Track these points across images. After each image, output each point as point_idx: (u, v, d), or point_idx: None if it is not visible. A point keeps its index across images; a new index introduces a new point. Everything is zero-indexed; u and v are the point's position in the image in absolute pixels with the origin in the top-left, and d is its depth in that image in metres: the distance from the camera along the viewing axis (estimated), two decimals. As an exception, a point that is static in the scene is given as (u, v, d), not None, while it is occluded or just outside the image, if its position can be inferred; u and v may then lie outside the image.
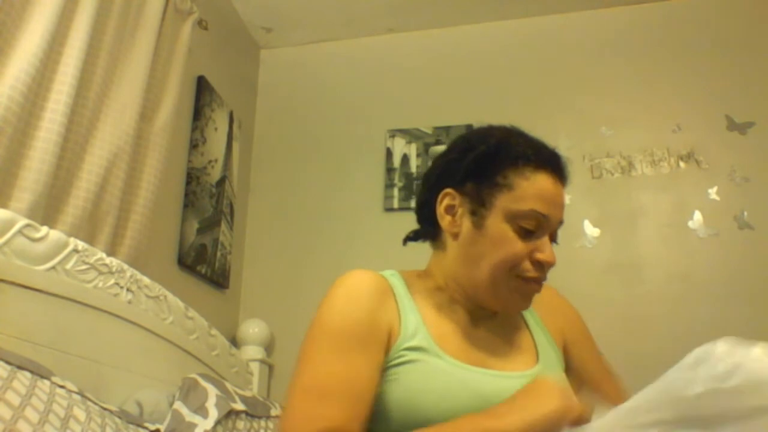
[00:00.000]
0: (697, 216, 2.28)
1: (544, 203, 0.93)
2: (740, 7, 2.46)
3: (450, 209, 0.97)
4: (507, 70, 2.62)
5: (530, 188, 0.92)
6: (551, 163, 0.95)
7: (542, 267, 0.94)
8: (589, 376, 1.06)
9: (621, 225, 2.34)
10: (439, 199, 0.98)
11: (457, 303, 0.99)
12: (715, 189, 2.29)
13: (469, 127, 2.41)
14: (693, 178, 2.33)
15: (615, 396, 1.07)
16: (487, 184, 0.94)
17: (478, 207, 0.94)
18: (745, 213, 2.24)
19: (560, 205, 0.96)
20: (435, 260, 1.03)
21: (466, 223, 0.96)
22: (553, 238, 0.96)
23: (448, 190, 0.97)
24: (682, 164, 2.35)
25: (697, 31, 2.48)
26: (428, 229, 1.03)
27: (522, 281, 0.94)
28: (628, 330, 2.19)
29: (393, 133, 2.59)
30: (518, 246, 0.92)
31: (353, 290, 0.93)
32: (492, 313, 1.01)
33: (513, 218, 0.92)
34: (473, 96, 2.57)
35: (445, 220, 0.97)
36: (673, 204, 2.32)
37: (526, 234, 0.92)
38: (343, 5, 2.61)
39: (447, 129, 2.52)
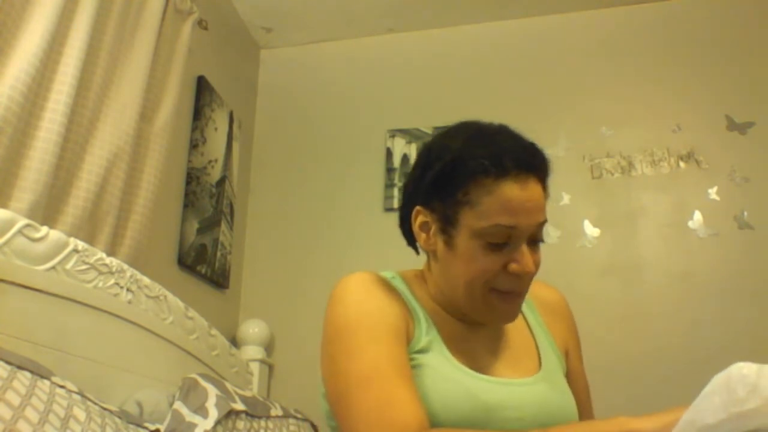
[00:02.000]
0: (697, 216, 2.28)
1: (510, 215, 0.86)
2: (740, 7, 2.46)
3: (424, 226, 0.95)
4: (507, 70, 2.62)
5: (493, 202, 0.86)
6: (518, 166, 0.87)
7: (519, 277, 0.90)
8: (575, 389, 1.04)
9: (621, 225, 2.34)
10: (412, 217, 0.96)
11: (449, 312, 0.98)
12: (715, 189, 2.29)
13: (469, 127, 2.41)
14: (693, 178, 2.33)
15: (589, 417, 1.06)
16: (450, 202, 0.89)
17: (446, 226, 0.91)
18: (745, 213, 2.24)
19: (532, 210, 0.88)
20: (426, 268, 1.02)
21: (439, 242, 0.93)
22: (535, 240, 0.91)
23: (419, 208, 0.95)
24: (682, 164, 2.35)
25: (697, 31, 2.48)
26: (413, 244, 1.01)
27: (499, 295, 0.91)
28: (628, 330, 2.19)
29: (393, 133, 2.59)
30: (488, 262, 0.88)
31: (365, 286, 0.92)
32: None
33: (479, 235, 0.87)
34: (473, 96, 2.57)
35: (421, 238, 0.96)
36: (673, 204, 2.32)
37: (497, 247, 0.88)
38: (343, 5, 2.61)
39: (447, 129, 2.52)
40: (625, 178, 2.39)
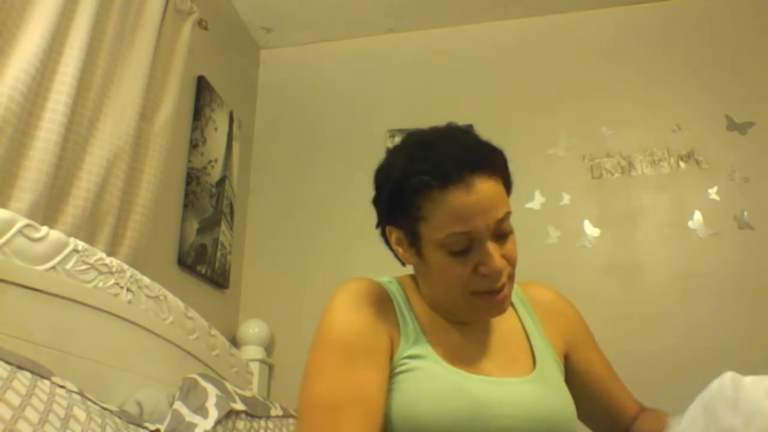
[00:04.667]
0: (697, 216, 2.28)
1: (462, 222, 0.86)
2: (740, 7, 2.46)
3: (399, 242, 0.97)
4: (507, 70, 2.62)
5: (442, 213, 0.87)
6: (459, 169, 0.86)
7: (492, 277, 0.89)
8: (597, 376, 1.06)
9: (621, 225, 2.34)
10: (387, 234, 0.99)
11: (441, 315, 0.99)
12: (715, 189, 2.29)
13: (469, 127, 2.40)
14: (693, 178, 2.33)
15: (624, 395, 1.07)
16: (410, 218, 0.91)
17: (413, 240, 0.93)
18: (745, 213, 2.24)
19: (485, 210, 0.86)
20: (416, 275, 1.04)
21: (413, 255, 0.96)
22: (501, 237, 0.90)
23: (389, 227, 0.97)
24: (682, 164, 2.35)
25: (697, 31, 2.48)
26: (398, 257, 1.02)
27: (481, 295, 0.91)
28: (628, 330, 2.19)
29: (393, 133, 2.59)
30: (457, 269, 0.89)
31: (354, 300, 0.93)
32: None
33: (440, 246, 0.89)
34: (473, 96, 2.57)
35: (399, 253, 0.98)
36: (673, 204, 2.32)
37: (461, 254, 0.88)
38: (343, 5, 2.61)
39: (447, 129, 2.52)
40: (625, 178, 2.39)
